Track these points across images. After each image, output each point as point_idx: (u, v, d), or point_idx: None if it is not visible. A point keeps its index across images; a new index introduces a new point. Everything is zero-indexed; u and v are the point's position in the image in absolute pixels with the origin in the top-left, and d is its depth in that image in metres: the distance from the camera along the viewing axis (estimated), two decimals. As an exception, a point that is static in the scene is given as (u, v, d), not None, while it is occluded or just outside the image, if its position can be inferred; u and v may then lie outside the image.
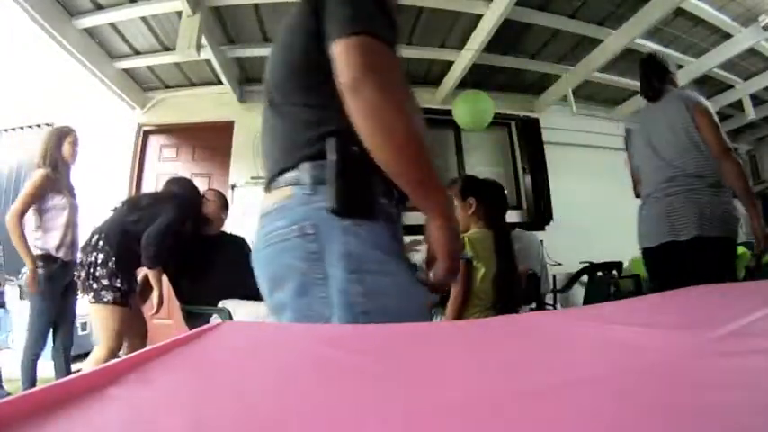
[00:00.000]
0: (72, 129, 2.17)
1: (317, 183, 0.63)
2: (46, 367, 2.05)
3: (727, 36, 3.15)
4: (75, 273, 1.87)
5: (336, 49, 0.59)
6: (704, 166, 1.52)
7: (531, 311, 2.10)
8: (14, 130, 3.88)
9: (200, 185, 3.77)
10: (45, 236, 2.01)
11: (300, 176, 0.64)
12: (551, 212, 3.93)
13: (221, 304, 1.91)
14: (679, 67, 3.52)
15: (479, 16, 2.86)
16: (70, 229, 2.05)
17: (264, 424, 0.21)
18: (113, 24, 2.87)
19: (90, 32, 2.92)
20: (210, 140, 3.66)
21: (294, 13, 0.70)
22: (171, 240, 1.92)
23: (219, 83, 3.50)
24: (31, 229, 2.01)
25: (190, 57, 2.63)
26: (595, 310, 0.57)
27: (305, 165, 0.64)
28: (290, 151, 0.66)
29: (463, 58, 3.23)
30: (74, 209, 2.10)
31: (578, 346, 0.36)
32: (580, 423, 0.19)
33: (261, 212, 0.70)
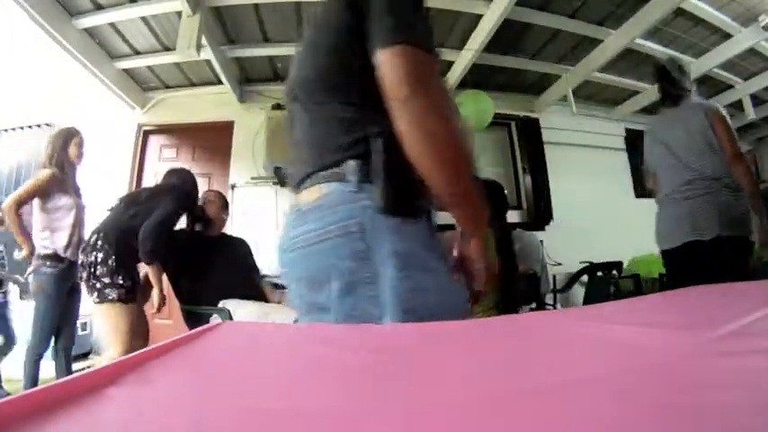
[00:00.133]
0: (78, 130, 2.19)
1: (361, 181, 0.62)
2: (46, 367, 2.04)
3: (727, 36, 3.15)
4: (77, 274, 1.87)
5: (382, 57, 0.59)
6: (720, 169, 1.60)
7: (531, 311, 2.10)
8: (14, 130, 3.88)
9: (201, 185, 3.77)
10: (53, 236, 2.01)
11: (344, 174, 0.63)
12: (551, 212, 3.93)
13: (221, 304, 1.91)
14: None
15: (479, 16, 2.86)
16: (77, 229, 2.06)
17: (264, 424, 0.21)
18: (113, 24, 2.87)
19: (90, 32, 2.92)
20: (210, 140, 3.67)
21: (327, 10, 0.69)
22: (168, 234, 1.89)
23: (219, 83, 3.50)
24: (38, 230, 2.02)
25: (190, 57, 2.63)
26: (595, 310, 0.57)
27: (348, 163, 0.63)
28: (331, 149, 0.65)
29: (463, 58, 3.22)
30: (80, 209, 2.12)
31: (578, 346, 0.36)
32: (580, 423, 0.19)
33: (295, 211, 0.68)
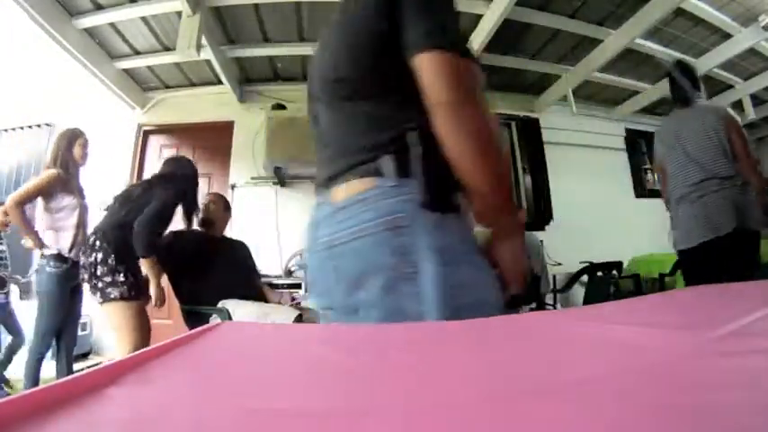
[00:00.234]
0: (82, 131, 2.20)
1: (400, 176, 0.61)
2: (47, 368, 2.04)
3: (727, 36, 3.15)
4: (80, 274, 1.86)
5: (423, 61, 0.59)
6: (732, 169, 1.69)
7: (531, 311, 2.10)
8: (14, 130, 3.87)
9: (200, 186, 3.76)
10: (57, 236, 2.01)
11: (382, 170, 0.62)
12: (551, 212, 3.93)
13: (221, 304, 1.91)
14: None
15: (479, 16, 2.86)
16: (81, 230, 2.06)
17: (265, 424, 0.21)
18: (113, 24, 2.88)
19: (90, 32, 2.92)
20: (210, 140, 3.67)
21: (357, 5, 0.68)
22: (165, 225, 1.86)
23: (219, 83, 3.50)
24: (42, 230, 2.02)
25: (190, 57, 2.63)
26: (595, 310, 0.57)
27: (386, 158, 0.62)
28: (367, 145, 0.64)
29: (463, 58, 3.23)
30: (84, 209, 2.13)
31: (578, 346, 0.36)
32: (580, 423, 0.19)
33: (325, 207, 0.67)
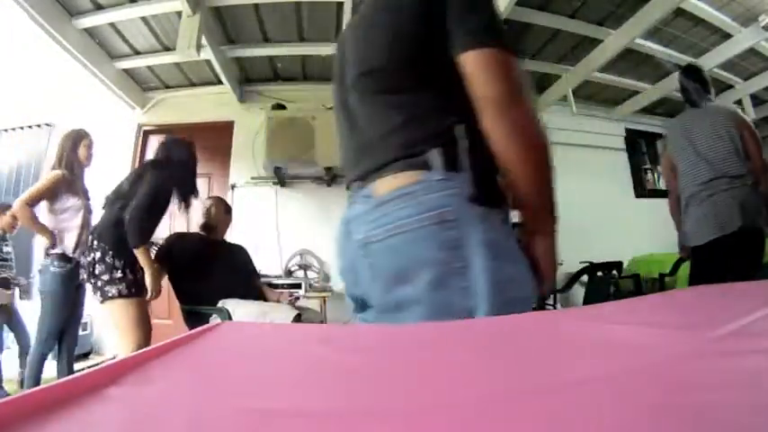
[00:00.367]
0: (87, 132, 2.20)
1: (449, 169, 0.60)
2: (48, 368, 2.04)
3: (727, 36, 3.15)
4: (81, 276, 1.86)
5: (474, 58, 0.59)
6: (741, 168, 1.75)
7: (532, 311, 2.09)
8: (14, 130, 3.87)
9: (201, 186, 3.75)
10: (61, 236, 2.02)
11: (429, 162, 0.61)
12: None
13: (221, 304, 1.92)
14: (679, 68, 3.54)
15: (479, 16, 2.86)
16: (85, 230, 2.06)
17: (265, 424, 0.21)
18: (113, 24, 2.87)
19: (90, 32, 2.92)
20: (210, 140, 3.66)
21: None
22: (158, 212, 1.83)
23: (219, 83, 3.50)
24: None
25: (190, 57, 2.63)
26: (595, 310, 0.57)
27: (434, 151, 0.61)
28: (413, 138, 0.63)
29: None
30: (88, 210, 2.13)
31: (578, 346, 0.36)
32: (580, 423, 0.19)
33: (364, 200, 0.65)
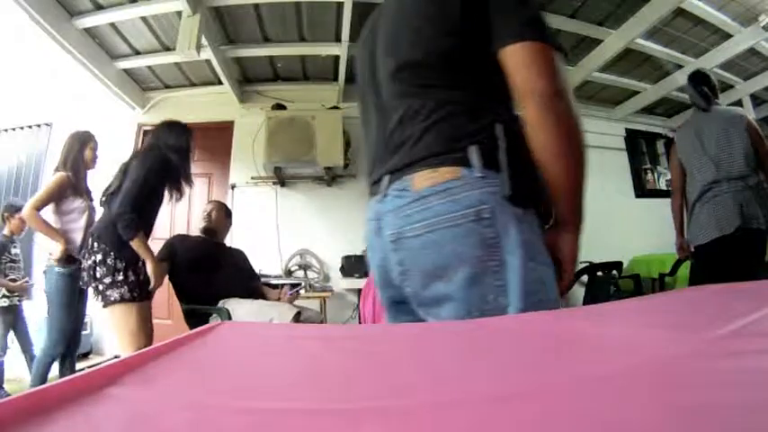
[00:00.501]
0: (92, 134, 2.21)
1: (488, 167, 0.59)
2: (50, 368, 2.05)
3: (727, 36, 3.15)
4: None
5: (519, 52, 0.59)
6: (747, 171, 1.82)
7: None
8: (14, 130, 3.87)
9: (201, 186, 3.75)
10: (67, 237, 2.02)
11: (468, 159, 0.60)
12: (551, 212, 3.93)
13: (221, 304, 1.92)
14: (679, 67, 3.54)
15: (479, 16, 2.86)
16: (89, 231, 2.07)
17: (265, 424, 0.21)
18: (113, 24, 2.87)
19: (90, 32, 2.91)
20: (210, 140, 3.66)
21: None
22: (147, 199, 1.73)
23: (219, 83, 3.49)
24: None
25: (190, 57, 2.63)
26: (595, 310, 0.57)
27: (474, 148, 0.60)
28: (452, 134, 0.62)
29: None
30: (92, 211, 2.14)
31: (578, 346, 0.36)
32: (580, 423, 0.19)
33: (403, 195, 0.64)
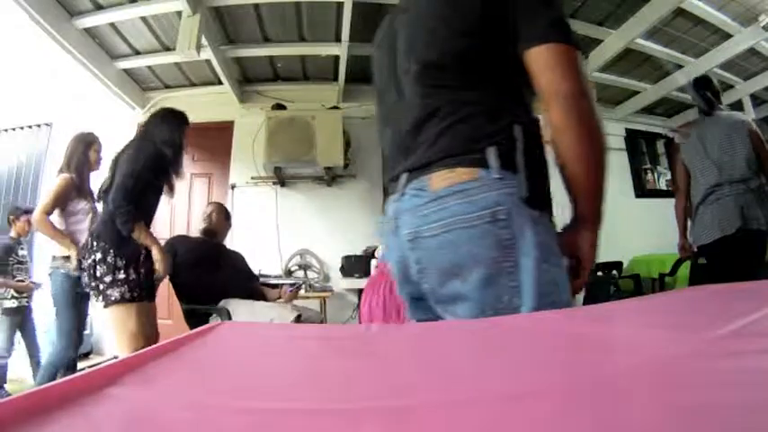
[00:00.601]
0: (96, 136, 2.22)
1: (505, 168, 0.59)
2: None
3: (727, 36, 3.14)
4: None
5: (545, 53, 0.59)
6: (748, 174, 1.88)
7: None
8: (14, 130, 3.87)
9: (201, 186, 3.75)
10: (73, 239, 2.01)
11: (488, 160, 0.60)
12: (551, 212, 3.92)
13: (221, 304, 1.92)
14: (679, 67, 3.54)
15: (479, 16, 2.86)
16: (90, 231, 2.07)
17: (265, 424, 0.21)
18: (113, 24, 2.87)
19: (90, 32, 2.91)
20: (210, 140, 3.66)
21: None
22: (141, 194, 1.65)
23: (219, 83, 3.49)
24: None
25: (190, 57, 2.63)
26: (595, 310, 0.57)
27: (492, 149, 0.60)
28: (471, 134, 0.62)
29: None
30: (96, 212, 2.13)
31: (578, 346, 0.36)
32: (580, 423, 0.19)
33: (421, 195, 0.64)
